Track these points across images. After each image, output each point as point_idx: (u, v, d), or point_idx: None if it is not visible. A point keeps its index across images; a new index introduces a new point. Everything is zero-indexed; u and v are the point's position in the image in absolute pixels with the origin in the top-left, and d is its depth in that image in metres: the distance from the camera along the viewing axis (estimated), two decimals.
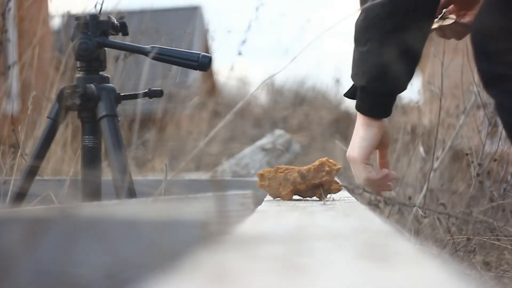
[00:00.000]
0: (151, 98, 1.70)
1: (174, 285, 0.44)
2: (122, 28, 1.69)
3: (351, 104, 7.57)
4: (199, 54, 1.62)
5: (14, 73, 3.40)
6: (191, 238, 0.67)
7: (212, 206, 0.78)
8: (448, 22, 1.47)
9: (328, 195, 1.31)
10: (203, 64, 1.62)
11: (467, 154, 2.48)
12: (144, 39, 3.61)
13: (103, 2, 1.95)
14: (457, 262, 1.78)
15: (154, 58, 1.63)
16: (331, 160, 1.32)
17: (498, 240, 2.07)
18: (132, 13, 4.20)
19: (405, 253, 0.57)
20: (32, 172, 1.62)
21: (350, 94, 1.37)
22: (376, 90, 1.30)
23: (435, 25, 1.47)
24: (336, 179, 1.35)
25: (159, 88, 1.71)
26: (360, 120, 1.34)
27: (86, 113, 1.64)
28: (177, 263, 0.56)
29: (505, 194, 2.32)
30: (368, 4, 1.23)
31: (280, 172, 1.31)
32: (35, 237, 0.67)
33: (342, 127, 6.30)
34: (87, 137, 1.64)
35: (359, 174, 1.35)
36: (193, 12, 10.36)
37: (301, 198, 1.34)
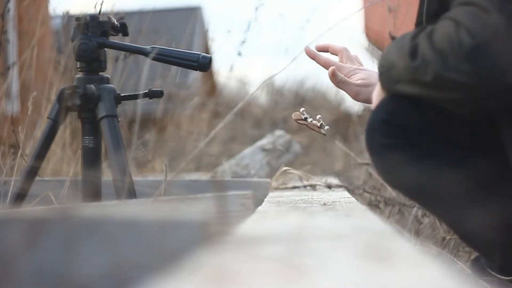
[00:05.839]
0: (151, 98, 1.70)
1: (174, 285, 0.44)
2: (122, 29, 1.69)
3: (351, 104, 7.57)
4: (199, 54, 1.62)
5: (14, 73, 3.40)
6: (191, 238, 0.67)
7: (213, 207, 0.78)
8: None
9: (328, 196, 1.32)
10: (203, 64, 1.61)
11: None
12: (144, 39, 3.61)
13: (102, 2, 1.95)
14: (457, 262, 1.78)
15: (154, 59, 1.63)
16: None
17: None
18: (132, 14, 4.19)
19: (405, 253, 0.57)
20: (32, 173, 1.62)
21: None
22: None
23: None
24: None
25: (159, 89, 1.70)
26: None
27: (86, 113, 1.64)
28: (177, 263, 0.56)
29: None
30: None
31: None
32: (35, 237, 0.67)
33: (342, 127, 6.29)
34: (87, 137, 1.64)
35: None
36: (193, 12, 10.35)
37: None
